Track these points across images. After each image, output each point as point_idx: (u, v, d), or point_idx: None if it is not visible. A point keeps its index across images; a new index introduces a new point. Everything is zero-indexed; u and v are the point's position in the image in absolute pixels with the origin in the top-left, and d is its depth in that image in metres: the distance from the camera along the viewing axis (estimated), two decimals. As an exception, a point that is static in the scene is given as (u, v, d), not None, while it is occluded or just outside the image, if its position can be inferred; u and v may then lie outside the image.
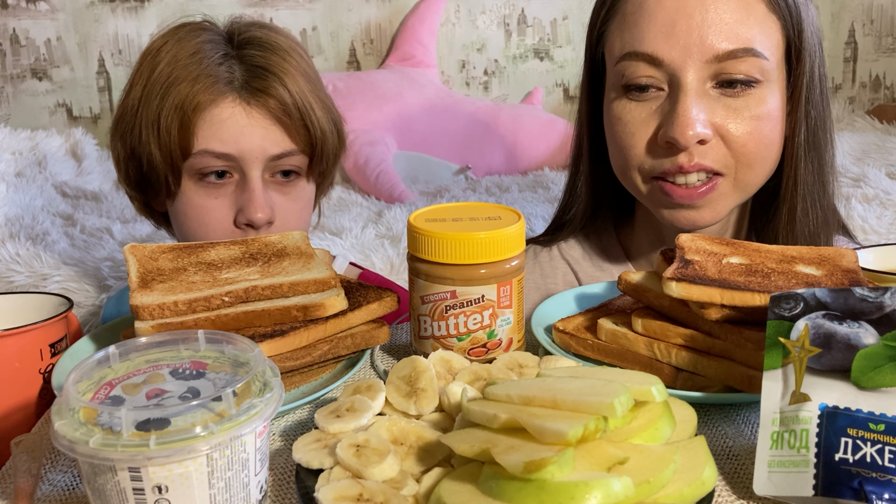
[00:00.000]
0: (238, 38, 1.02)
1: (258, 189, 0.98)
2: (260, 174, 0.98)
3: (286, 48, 1.01)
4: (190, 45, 0.99)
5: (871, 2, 3.12)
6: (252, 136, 0.97)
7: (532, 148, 2.53)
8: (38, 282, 1.51)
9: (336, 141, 1.04)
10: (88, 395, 0.51)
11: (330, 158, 1.03)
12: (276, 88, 0.97)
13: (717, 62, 0.84)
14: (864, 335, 0.56)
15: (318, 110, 1.00)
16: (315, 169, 1.03)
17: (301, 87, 0.99)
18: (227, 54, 0.99)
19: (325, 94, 1.05)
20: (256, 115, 0.97)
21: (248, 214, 0.97)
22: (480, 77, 2.91)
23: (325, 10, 2.74)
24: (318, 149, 1.01)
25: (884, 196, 1.80)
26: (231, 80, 0.98)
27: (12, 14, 2.58)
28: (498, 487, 0.48)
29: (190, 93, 0.96)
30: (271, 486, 0.60)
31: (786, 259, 0.74)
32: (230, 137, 0.96)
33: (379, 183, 2.18)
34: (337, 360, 0.76)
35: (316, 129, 0.99)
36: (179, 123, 0.96)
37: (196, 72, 0.97)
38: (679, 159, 0.86)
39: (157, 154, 0.98)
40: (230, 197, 0.99)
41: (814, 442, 0.54)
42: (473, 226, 0.72)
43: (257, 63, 0.98)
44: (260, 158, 0.97)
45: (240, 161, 0.97)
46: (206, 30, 1.02)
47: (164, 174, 0.99)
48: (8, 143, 2.23)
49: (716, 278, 0.69)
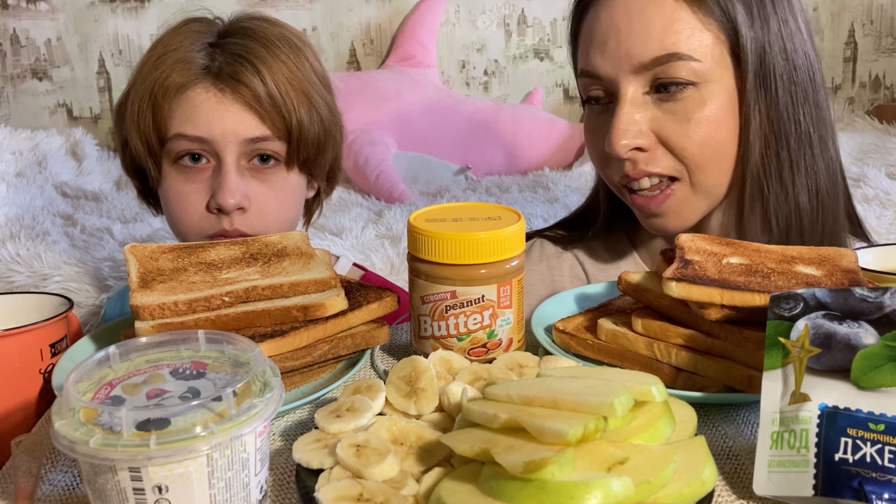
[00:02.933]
0: (229, 29, 1.03)
1: (230, 174, 0.98)
2: (235, 159, 0.98)
3: (273, 37, 1.01)
4: (179, 36, 1.01)
5: (871, 2, 3.12)
6: (224, 120, 0.97)
7: (532, 148, 2.53)
8: (38, 282, 1.51)
9: (320, 131, 1.02)
10: (89, 395, 0.51)
11: (311, 148, 1.02)
12: (248, 76, 0.97)
13: (645, 70, 0.87)
14: (863, 335, 0.56)
15: (297, 99, 0.99)
16: (294, 157, 1.02)
17: (279, 76, 0.98)
18: (212, 44, 1.01)
19: (319, 86, 1.04)
20: (228, 101, 0.97)
21: (218, 199, 0.97)
22: (480, 77, 2.91)
23: (325, 10, 2.74)
24: (296, 137, 1.00)
25: (884, 196, 1.80)
26: (208, 66, 0.98)
27: (12, 14, 2.58)
28: (498, 487, 0.48)
29: (160, 77, 0.98)
30: (271, 486, 0.60)
31: (786, 259, 0.74)
32: (202, 121, 0.97)
33: (379, 183, 2.18)
34: (337, 360, 0.76)
35: (292, 118, 0.99)
36: (153, 108, 0.98)
37: (174, 58, 0.98)
38: (624, 167, 0.90)
39: (137, 140, 1.00)
40: (206, 182, 0.99)
41: (814, 442, 0.54)
42: (473, 226, 0.72)
43: (236, 51, 0.99)
44: (233, 142, 0.97)
45: (213, 144, 0.97)
46: (204, 23, 1.04)
47: (145, 160, 1.00)
48: (8, 143, 2.23)
49: (716, 278, 0.69)
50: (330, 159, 1.07)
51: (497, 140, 2.51)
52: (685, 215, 0.91)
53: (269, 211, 1.01)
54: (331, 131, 1.05)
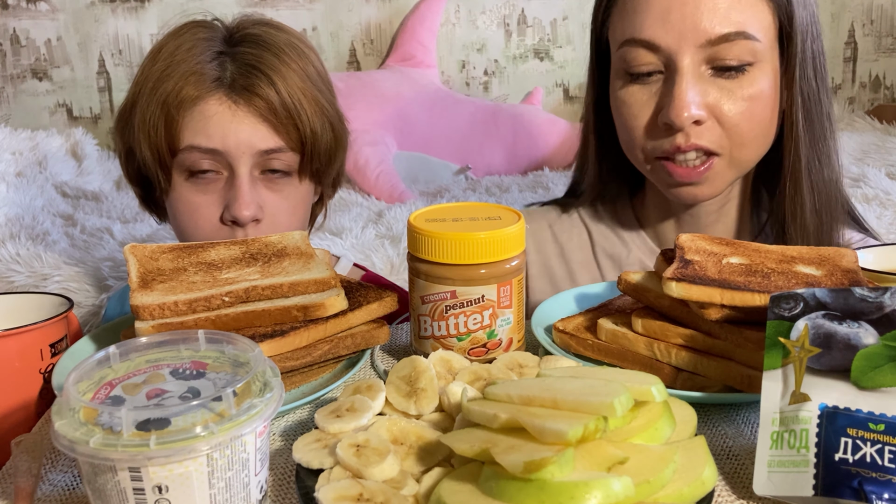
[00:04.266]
0: (236, 36, 1.01)
1: (244, 186, 0.97)
2: (248, 171, 0.98)
3: (283, 45, 1.00)
4: (186, 44, 0.99)
5: (871, 2, 3.12)
6: (238, 132, 0.96)
7: (532, 148, 2.53)
8: (38, 282, 1.51)
9: (331, 140, 1.02)
10: (89, 395, 0.51)
11: (323, 157, 1.02)
12: (263, 87, 0.96)
13: (710, 46, 0.88)
14: (863, 335, 0.56)
15: (310, 109, 0.99)
16: (307, 168, 1.02)
17: (293, 85, 0.98)
18: (221, 52, 0.99)
19: (326, 92, 1.03)
20: (243, 113, 0.97)
21: (233, 211, 0.97)
22: (480, 77, 2.91)
23: (325, 10, 2.74)
24: (309, 147, 1.00)
25: (883, 196, 1.81)
26: (220, 77, 0.97)
27: (12, 14, 2.58)
28: (498, 487, 0.48)
29: (174, 90, 0.96)
30: (271, 486, 0.60)
31: (785, 259, 0.74)
32: (216, 133, 0.96)
33: (379, 183, 2.18)
34: (337, 360, 0.76)
35: (306, 128, 0.98)
36: (165, 120, 0.97)
37: (185, 69, 0.97)
38: (676, 140, 0.90)
39: (146, 151, 0.98)
40: (218, 193, 0.99)
41: (814, 442, 0.54)
42: (473, 226, 0.72)
43: (248, 61, 0.98)
44: (247, 154, 0.97)
45: (227, 156, 0.97)
46: (207, 28, 1.02)
47: (154, 171, 0.99)
48: (8, 143, 2.23)
49: (716, 278, 0.69)
50: (338, 166, 1.07)
51: (497, 140, 2.51)
52: (717, 185, 0.93)
53: (282, 220, 1.01)
54: (341, 138, 1.05)
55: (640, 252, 1.05)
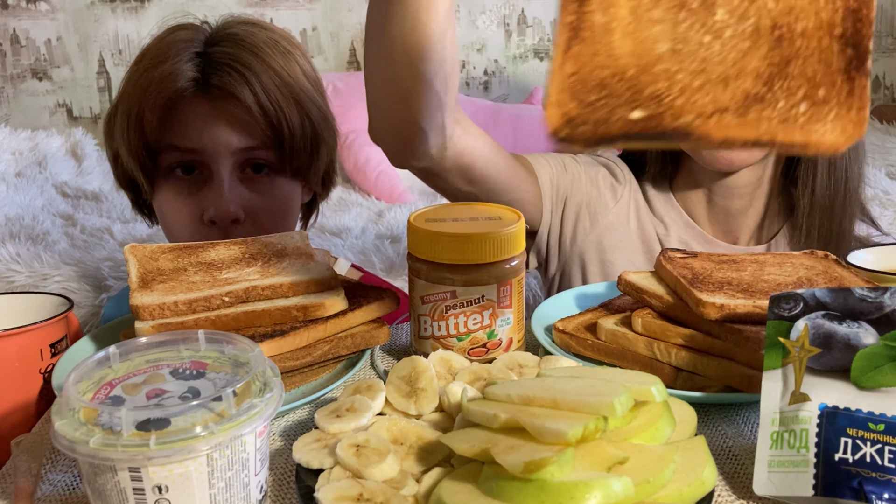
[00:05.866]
0: (216, 37, 1.01)
1: (224, 185, 0.96)
2: (229, 170, 0.97)
3: (261, 43, 0.99)
4: (166, 46, 0.99)
5: (871, 2, 3.12)
6: (214, 131, 0.96)
7: (532, 148, 2.52)
8: (38, 282, 1.51)
9: (312, 138, 1.00)
10: (88, 395, 0.51)
11: (303, 155, 1.00)
12: (237, 87, 0.95)
13: None
14: (863, 335, 0.56)
15: (288, 107, 0.98)
16: (287, 165, 1.00)
17: (268, 84, 0.96)
18: (199, 53, 0.98)
19: (311, 90, 1.02)
20: (219, 112, 0.96)
21: (212, 212, 0.96)
22: (480, 77, 2.91)
23: (325, 10, 2.74)
24: (288, 145, 0.99)
25: (884, 196, 1.81)
26: (196, 78, 0.97)
27: (12, 14, 2.58)
28: (498, 487, 0.48)
29: (152, 91, 0.96)
30: (271, 486, 0.60)
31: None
32: (193, 132, 0.96)
33: (379, 183, 2.18)
34: (337, 360, 0.76)
35: (282, 126, 0.97)
36: (141, 122, 0.96)
37: (163, 71, 0.96)
38: None
39: (129, 154, 0.98)
40: (199, 195, 0.98)
41: (813, 442, 0.54)
42: (473, 226, 0.72)
43: (223, 60, 0.97)
44: (225, 153, 0.96)
45: (205, 155, 0.96)
46: (191, 30, 1.02)
47: (136, 174, 0.99)
48: (8, 143, 2.23)
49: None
50: (324, 164, 1.06)
51: (497, 140, 2.51)
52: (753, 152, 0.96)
53: (264, 221, 1.00)
54: (323, 136, 1.03)
55: (680, 230, 1.07)
